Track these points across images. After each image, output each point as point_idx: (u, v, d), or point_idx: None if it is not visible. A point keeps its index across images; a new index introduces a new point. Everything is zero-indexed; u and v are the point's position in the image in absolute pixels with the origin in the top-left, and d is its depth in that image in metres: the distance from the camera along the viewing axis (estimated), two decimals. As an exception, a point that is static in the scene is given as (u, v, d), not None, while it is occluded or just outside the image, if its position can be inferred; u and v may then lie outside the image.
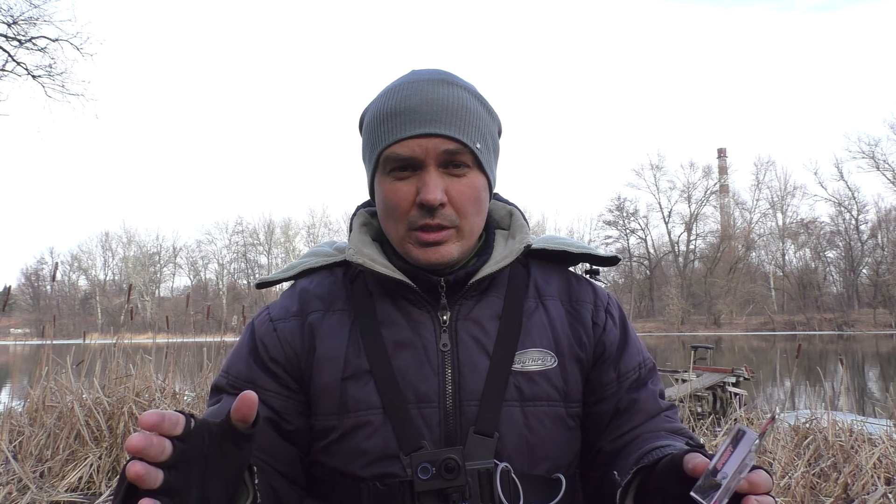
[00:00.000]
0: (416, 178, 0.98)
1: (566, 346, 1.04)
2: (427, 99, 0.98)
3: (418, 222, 0.97)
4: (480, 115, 1.02)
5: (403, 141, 0.97)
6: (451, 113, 0.98)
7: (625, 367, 1.07)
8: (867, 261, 63.11)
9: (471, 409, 0.97)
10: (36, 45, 19.14)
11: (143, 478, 0.66)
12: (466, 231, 1.00)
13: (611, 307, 1.11)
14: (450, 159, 0.97)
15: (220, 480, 0.74)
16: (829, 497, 3.59)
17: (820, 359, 18.72)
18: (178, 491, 0.70)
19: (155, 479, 0.67)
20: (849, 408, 5.73)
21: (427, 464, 0.93)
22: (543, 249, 1.12)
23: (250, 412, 0.73)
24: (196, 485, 0.72)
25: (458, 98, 0.99)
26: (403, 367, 0.99)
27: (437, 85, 1.00)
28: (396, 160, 0.97)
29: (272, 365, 1.04)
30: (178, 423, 0.70)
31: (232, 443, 0.74)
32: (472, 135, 0.99)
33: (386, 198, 1.00)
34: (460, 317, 1.02)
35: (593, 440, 1.05)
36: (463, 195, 0.98)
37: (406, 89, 1.00)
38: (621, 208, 70.67)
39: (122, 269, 78.99)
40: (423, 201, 0.96)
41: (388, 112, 0.99)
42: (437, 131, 0.96)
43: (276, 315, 1.08)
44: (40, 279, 75.26)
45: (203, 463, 0.72)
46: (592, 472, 1.05)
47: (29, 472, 3.78)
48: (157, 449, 0.67)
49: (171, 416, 0.70)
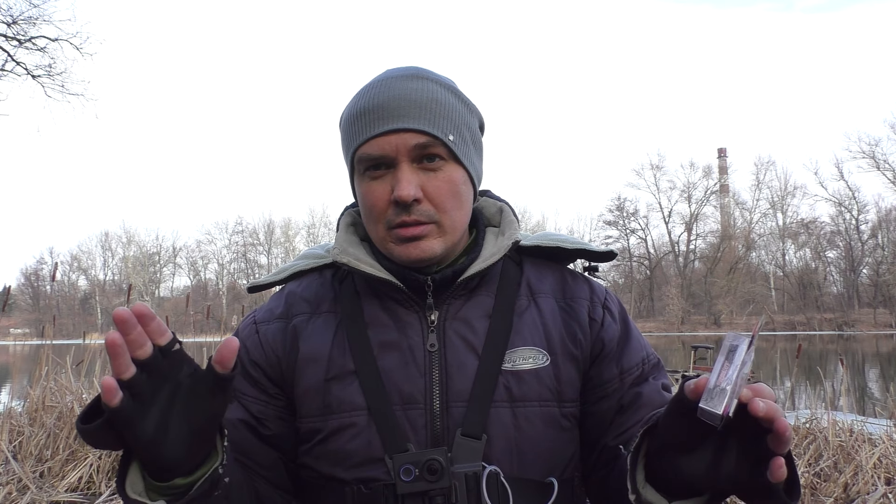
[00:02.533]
0: (390, 176, 0.96)
1: (559, 344, 1.01)
2: (395, 95, 0.96)
3: (395, 220, 0.96)
4: (454, 106, 0.99)
5: (373, 140, 0.96)
6: (420, 106, 0.96)
7: (627, 363, 1.04)
8: (867, 261, 63.11)
9: (458, 411, 0.95)
10: (36, 45, 19.12)
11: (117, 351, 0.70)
12: (448, 226, 0.98)
13: (608, 302, 1.09)
14: (422, 153, 0.96)
15: (186, 423, 0.75)
16: (829, 497, 3.58)
17: (820, 359, 18.72)
18: (142, 400, 0.72)
19: (125, 368, 0.71)
20: (849, 408, 5.73)
21: (410, 465, 0.91)
22: (538, 247, 1.10)
23: (229, 357, 0.74)
24: (159, 409, 0.74)
25: (427, 91, 0.97)
26: (389, 367, 0.98)
27: (406, 80, 0.98)
28: (369, 160, 0.97)
29: (251, 368, 1.03)
30: (165, 333, 0.73)
31: (205, 385, 0.75)
32: (444, 126, 0.97)
33: (363, 199, 0.99)
34: (448, 316, 1.01)
35: (598, 438, 1.02)
36: (439, 190, 0.97)
37: (376, 87, 0.99)
38: (621, 208, 70.65)
39: (122, 269, 78.92)
40: (396, 198, 0.94)
41: (357, 112, 0.98)
42: (404, 126, 0.95)
43: (261, 318, 1.08)
44: (40, 279, 75.27)
45: (173, 388, 0.74)
46: (599, 471, 1.01)
47: (29, 472, 3.78)
48: (139, 338, 0.71)
49: (159, 320, 0.73)
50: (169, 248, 79.70)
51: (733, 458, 0.74)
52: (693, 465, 0.76)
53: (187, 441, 0.76)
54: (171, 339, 0.74)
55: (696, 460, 0.76)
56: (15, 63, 19.04)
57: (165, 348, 0.74)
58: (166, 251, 79.72)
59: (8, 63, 18.94)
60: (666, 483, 0.81)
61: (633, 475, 0.82)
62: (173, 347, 0.74)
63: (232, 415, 1.00)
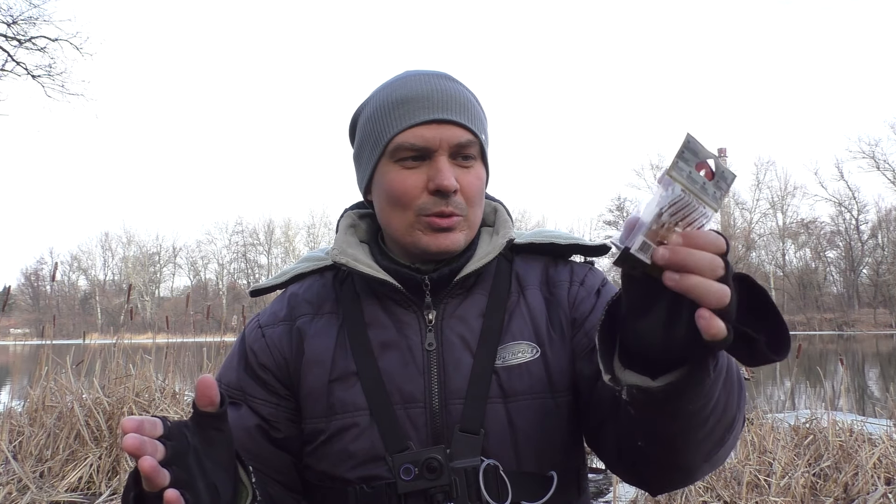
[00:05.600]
0: (425, 167, 0.98)
1: (546, 335, 1.02)
2: (437, 89, 0.99)
3: (432, 209, 0.97)
4: (480, 111, 1.04)
5: (416, 128, 0.97)
6: (460, 103, 0.99)
7: (591, 323, 1.01)
8: (867, 261, 63.11)
9: (456, 408, 0.97)
10: (36, 45, 19.17)
11: (155, 472, 0.69)
12: (473, 222, 1.01)
13: (586, 279, 1.07)
14: (459, 151, 0.98)
15: (219, 466, 0.78)
16: (829, 497, 3.59)
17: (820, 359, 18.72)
18: (187, 484, 0.73)
19: (164, 476, 0.70)
20: (849, 408, 5.74)
21: (409, 464, 0.93)
22: (531, 244, 1.11)
23: (213, 394, 0.76)
24: (199, 476, 0.75)
25: (462, 92, 1.02)
26: (389, 367, 0.99)
27: (440, 79, 1.02)
28: (410, 149, 0.97)
29: (261, 372, 1.05)
30: (157, 424, 0.73)
31: (211, 428, 0.78)
32: (478, 126, 1.01)
33: (392, 186, 0.99)
34: (446, 315, 1.02)
35: (588, 398, 0.97)
36: (472, 186, 0.99)
37: (412, 81, 1.01)
38: (621, 208, 70.65)
39: (122, 269, 78.92)
40: (439, 187, 0.95)
41: (396, 100, 0.99)
42: (450, 117, 0.97)
43: (265, 321, 1.09)
44: (40, 279, 75.24)
45: (195, 456, 0.76)
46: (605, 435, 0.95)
47: (29, 472, 3.78)
48: (152, 447, 0.70)
49: (148, 419, 0.73)
50: (169, 248, 79.75)
51: (686, 317, 0.65)
52: (650, 330, 0.69)
53: (228, 479, 0.80)
54: (162, 425, 0.74)
55: (652, 322, 0.69)
56: (15, 63, 19.08)
57: (165, 435, 0.74)
58: (166, 251, 79.76)
59: (8, 63, 18.99)
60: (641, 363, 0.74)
61: (608, 359, 0.76)
62: (167, 426, 0.75)
63: (243, 422, 1.02)
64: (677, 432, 0.77)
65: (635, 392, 0.73)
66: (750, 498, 3.57)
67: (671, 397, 0.72)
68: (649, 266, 0.63)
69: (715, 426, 0.78)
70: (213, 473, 0.77)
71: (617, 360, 0.76)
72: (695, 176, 0.61)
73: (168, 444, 0.73)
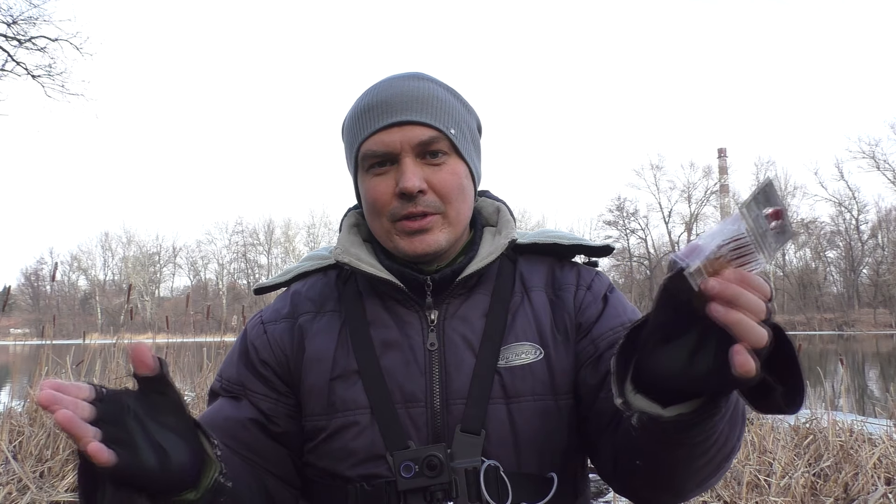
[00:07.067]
0: (393, 171, 0.98)
1: (550, 337, 1.02)
2: (397, 92, 0.99)
3: (401, 212, 0.97)
4: (454, 105, 1.02)
5: (377, 135, 0.97)
6: (422, 102, 0.98)
7: (599, 330, 1.01)
8: (867, 261, 63.13)
9: (457, 408, 0.97)
10: (36, 45, 19.13)
11: (73, 424, 0.66)
12: (453, 217, 1.00)
13: (593, 284, 1.07)
14: (425, 149, 0.98)
15: (165, 428, 0.75)
16: (830, 497, 3.58)
17: (820, 359, 18.71)
18: (124, 442, 0.71)
19: (86, 429, 0.68)
20: (849, 408, 5.74)
21: (410, 462, 0.93)
22: (535, 244, 1.11)
23: (147, 358, 0.73)
24: (140, 436, 0.73)
25: (428, 89, 1.00)
26: (391, 366, 0.99)
27: (407, 80, 1.01)
28: (373, 156, 0.98)
29: (261, 367, 1.05)
30: (83, 387, 0.71)
31: (153, 392, 0.75)
32: (445, 121, 0.99)
33: (366, 194, 1.01)
34: (448, 315, 1.02)
35: (590, 406, 0.98)
36: (444, 182, 0.98)
37: (378, 87, 1.01)
38: (621, 208, 70.63)
39: (122, 269, 78.94)
40: (401, 189, 0.96)
41: (361, 110, 1.00)
42: (408, 118, 0.97)
43: (268, 318, 1.10)
44: (40, 279, 75.29)
45: (136, 419, 0.73)
46: (605, 443, 0.96)
47: (29, 472, 3.78)
48: (73, 405, 0.68)
49: (74, 383, 0.71)
50: (169, 248, 79.81)
51: (713, 350, 0.66)
52: (672, 358, 0.69)
53: (182, 447, 0.76)
54: (93, 390, 0.72)
55: (676, 351, 0.69)
56: (15, 63, 19.06)
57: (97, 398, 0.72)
58: (166, 251, 79.81)
59: (8, 63, 18.96)
60: (654, 389, 0.75)
61: (620, 382, 0.76)
62: (101, 392, 0.72)
63: (242, 414, 1.02)
64: (679, 459, 0.80)
65: (645, 420, 0.75)
66: (750, 498, 3.57)
67: (680, 428, 0.74)
68: (694, 293, 0.64)
69: (715, 455, 0.81)
70: (158, 434, 0.74)
71: (629, 382, 0.77)
72: (762, 221, 0.63)
73: (99, 405, 0.70)
